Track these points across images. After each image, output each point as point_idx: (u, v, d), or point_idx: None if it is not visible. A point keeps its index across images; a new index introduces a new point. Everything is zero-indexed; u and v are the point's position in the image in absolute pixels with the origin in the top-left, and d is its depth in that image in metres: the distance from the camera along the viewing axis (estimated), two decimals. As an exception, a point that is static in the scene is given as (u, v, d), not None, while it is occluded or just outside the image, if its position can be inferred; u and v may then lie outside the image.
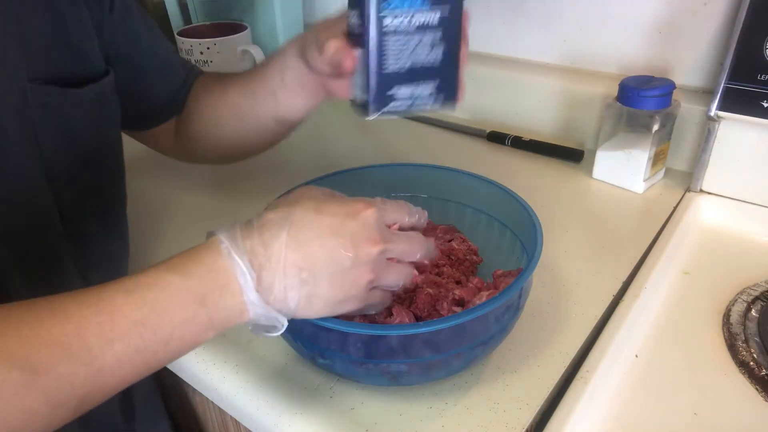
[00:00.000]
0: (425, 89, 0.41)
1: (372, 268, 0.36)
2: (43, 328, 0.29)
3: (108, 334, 0.30)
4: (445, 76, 0.41)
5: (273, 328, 0.35)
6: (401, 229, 0.40)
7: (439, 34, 0.39)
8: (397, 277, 0.38)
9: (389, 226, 0.39)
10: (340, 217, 0.35)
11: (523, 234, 0.48)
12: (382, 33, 0.38)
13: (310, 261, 0.34)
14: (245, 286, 0.33)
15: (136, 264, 0.60)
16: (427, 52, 0.39)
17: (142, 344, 0.31)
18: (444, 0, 0.39)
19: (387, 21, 0.37)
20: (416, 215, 0.41)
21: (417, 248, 0.39)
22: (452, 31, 0.40)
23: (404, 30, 0.38)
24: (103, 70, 0.47)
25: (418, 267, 0.45)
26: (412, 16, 0.38)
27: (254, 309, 0.33)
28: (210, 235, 0.35)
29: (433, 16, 0.38)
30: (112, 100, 0.49)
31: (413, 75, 0.40)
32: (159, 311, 0.31)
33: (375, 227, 0.36)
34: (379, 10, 0.37)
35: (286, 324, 0.35)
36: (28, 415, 0.28)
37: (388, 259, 0.38)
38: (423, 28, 0.38)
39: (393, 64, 0.39)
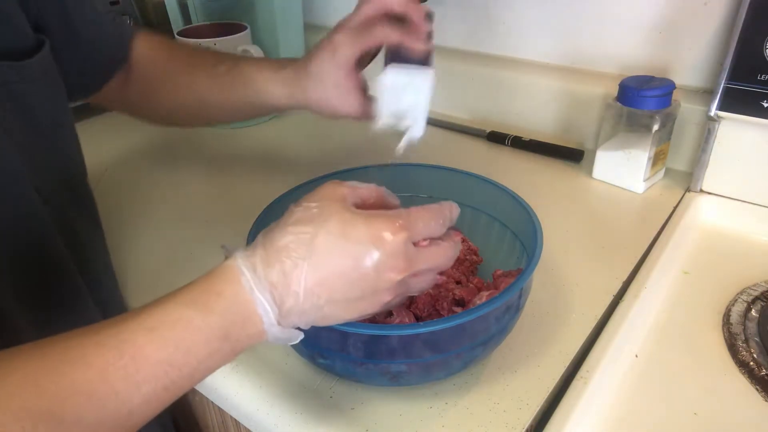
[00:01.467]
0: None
1: (393, 292, 0.35)
2: (64, 376, 0.28)
3: (134, 377, 0.29)
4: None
5: (288, 340, 0.34)
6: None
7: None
8: (419, 289, 0.37)
9: (417, 242, 0.36)
10: (366, 244, 0.33)
11: (523, 234, 0.48)
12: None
13: (329, 290, 0.33)
14: (265, 317, 0.32)
15: (127, 265, 0.60)
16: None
17: (169, 382, 0.30)
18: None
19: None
20: (448, 220, 0.38)
21: (442, 262, 0.37)
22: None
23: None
24: (36, 41, 0.44)
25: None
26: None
27: (273, 333, 0.33)
28: (225, 251, 0.34)
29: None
30: (55, 72, 0.46)
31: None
32: (183, 350, 0.30)
33: (401, 254, 0.34)
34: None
35: (302, 336, 0.34)
36: None
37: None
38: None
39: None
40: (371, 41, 0.48)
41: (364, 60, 0.52)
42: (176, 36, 0.89)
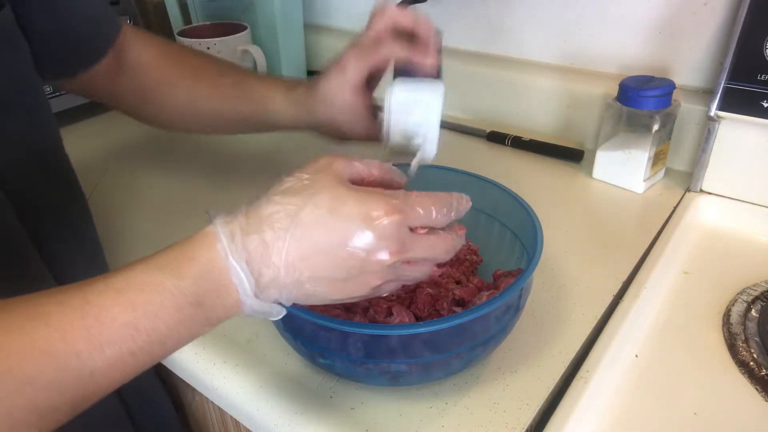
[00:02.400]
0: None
1: (381, 276, 0.33)
2: (25, 335, 0.27)
3: (97, 339, 0.28)
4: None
5: (267, 314, 0.33)
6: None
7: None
8: (412, 278, 0.35)
9: (414, 229, 0.34)
10: (356, 222, 0.31)
11: (523, 234, 0.48)
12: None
13: (313, 266, 0.32)
14: (240, 287, 0.31)
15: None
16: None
17: (135, 347, 0.29)
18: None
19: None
20: (453, 210, 0.35)
21: (440, 253, 0.35)
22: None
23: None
24: None
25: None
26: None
27: (250, 306, 0.32)
28: (209, 216, 0.33)
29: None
30: (17, 37, 0.43)
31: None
32: (152, 315, 0.29)
33: (394, 236, 0.32)
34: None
35: (283, 313, 0.34)
36: (16, 425, 0.27)
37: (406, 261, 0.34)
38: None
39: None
40: (378, 57, 0.47)
41: (373, 81, 0.51)
42: (176, 36, 0.89)
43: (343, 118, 0.52)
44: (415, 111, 0.44)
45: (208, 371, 0.47)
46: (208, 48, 0.86)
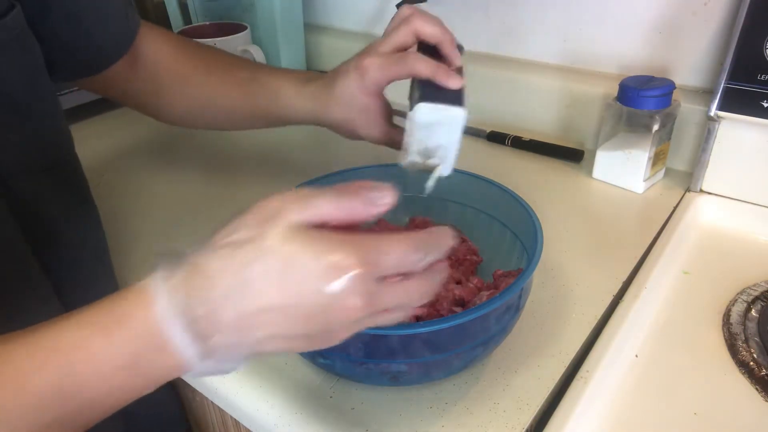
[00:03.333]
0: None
1: (349, 330, 0.30)
2: None
3: (7, 410, 0.25)
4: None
5: (219, 373, 0.30)
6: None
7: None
8: (388, 322, 0.31)
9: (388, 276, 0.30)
10: (313, 278, 0.27)
11: (523, 234, 0.48)
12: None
13: (267, 325, 0.28)
14: (185, 351, 0.28)
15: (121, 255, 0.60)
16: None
17: (51, 419, 0.26)
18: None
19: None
20: (430, 253, 0.30)
21: (414, 299, 0.31)
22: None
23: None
24: (6, 4, 0.40)
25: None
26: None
27: (197, 368, 0.29)
28: (157, 258, 0.29)
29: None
30: (28, 40, 0.42)
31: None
32: (79, 381, 0.26)
33: (359, 290, 0.27)
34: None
35: (238, 368, 0.30)
36: None
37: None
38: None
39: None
40: (403, 71, 0.46)
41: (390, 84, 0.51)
42: (176, 36, 0.89)
43: (359, 121, 0.52)
44: (436, 135, 0.44)
45: (208, 371, 0.47)
46: (208, 48, 0.86)
